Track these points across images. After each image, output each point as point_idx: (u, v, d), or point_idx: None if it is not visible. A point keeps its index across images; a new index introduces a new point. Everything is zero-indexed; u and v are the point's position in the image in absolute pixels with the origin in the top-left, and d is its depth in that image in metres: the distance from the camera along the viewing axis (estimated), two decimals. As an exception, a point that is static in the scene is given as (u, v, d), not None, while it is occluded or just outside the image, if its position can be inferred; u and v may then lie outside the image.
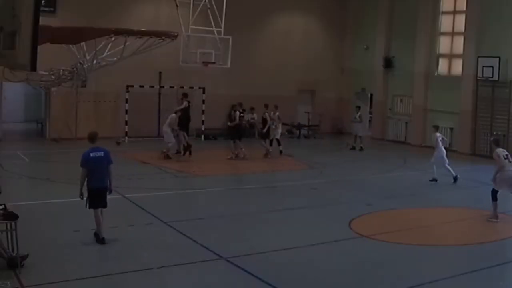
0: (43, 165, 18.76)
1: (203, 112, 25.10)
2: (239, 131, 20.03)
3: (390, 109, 27.06)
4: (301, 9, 28.06)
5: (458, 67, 23.83)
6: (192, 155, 19.61)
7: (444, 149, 16.55)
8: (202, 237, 10.27)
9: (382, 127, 27.17)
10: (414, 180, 16.48)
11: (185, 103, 19.96)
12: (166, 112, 21.67)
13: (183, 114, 19.63)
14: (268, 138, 20.69)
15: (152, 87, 24.27)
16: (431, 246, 10.45)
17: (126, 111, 23.59)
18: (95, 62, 17.88)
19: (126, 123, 23.56)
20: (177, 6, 21.42)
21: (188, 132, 20.17)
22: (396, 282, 8.57)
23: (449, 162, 16.49)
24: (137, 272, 8.55)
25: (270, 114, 20.87)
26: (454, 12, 24.18)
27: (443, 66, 24.87)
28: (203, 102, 25.14)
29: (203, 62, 21.88)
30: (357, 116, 23.62)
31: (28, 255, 8.49)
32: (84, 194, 9.75)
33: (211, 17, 22.10)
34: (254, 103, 21.98)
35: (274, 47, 27.33)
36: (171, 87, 24.30)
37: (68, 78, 18.48)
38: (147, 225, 11.20)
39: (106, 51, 17.53)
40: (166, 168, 17.80)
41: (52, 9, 21.93)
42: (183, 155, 19.48)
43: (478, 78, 21.98)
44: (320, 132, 28.05)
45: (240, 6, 24.36)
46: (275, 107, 21.15)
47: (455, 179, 16.26)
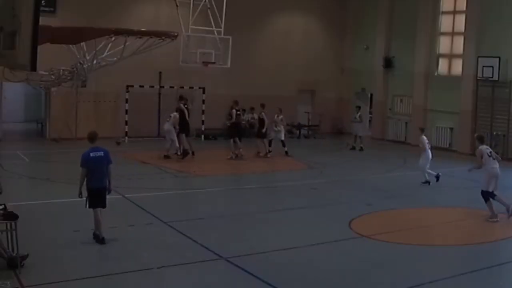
0: (43, 165, 18.77)
1: (203, 112, 25.12)
2: (238, 130, 20.04)
3: (390, 109, 27.06)
4: (301, 9, 28.06)
5: (458, 67, 23.84)
6: (194, 155, 19.60)
7: (430, 152, 16.32)
8: (202, 237, 10.27)
9: (382, 127, 27.16)
10: (414, 180, 16.46)
11: (180, 106, 19.63)
12: (166, 112, 21.65)
13: (180, 116, 19.49)
14: (266, 138, 20.66)
15: (152, 87, 24.28)
16: (431, 246, 10.46)
17: (126, 111, 23.61)
18: (95, 62, 17.88)
19: (126, 123, 23.58)
20: (177, 6, 21.44)
21: (188, 134, 20.04)
22: (396, 282, 8.57)
23: (430, 166, 16.29)
24: (137, 272, 8.55)
25: (277, 115, 20.96)
26: (454, 12, 24.18)
27: (443, 66, 24.86)
28: (203, 102, 25.16)
29: (203, 62, 21.89)
30: (357, 116, 23.62)
31: (28, 255, 8.49)
32: (84, 194, 9.75)
33: (211, 17, 22.11)
34: (254, 103, 22.00)
35: (274, 47, 27.34)
36: (171, 87, 24.31)
37: (68, 78, 18.49)
38: (147, 225, 11.20)
39: (106, 51, 17.54)
40: (166, 168, 17.80)
41: (52, 9, 21.95)
42: (182, 158, 19.28)
43: (478, 78, 21.97)
44: (320, 132, 28.06)
45: (240, 6, 24.36)
46: (279, 110, 21.19)
47: (427, 182, 16.01)
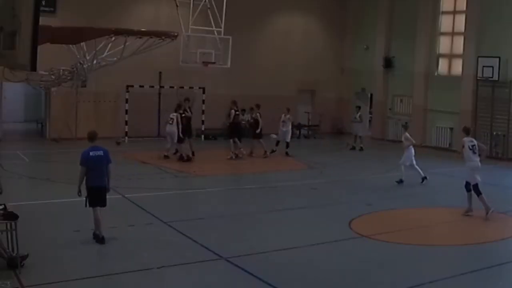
0: (43, 165, 18.77)
1: (203, 112, 25.12)
2: (238, 130, 20.03)
3: (390, 109, 27.06)
4: (301, 9, 28.06)
5: (458, 67, 23.84)
6: (194, 155, 19.59)
7: (413, 150, 16.30)
8: (202, 237, 10.27)
9: (382, 127, 27.17)
10: (414, 180, 16.45)
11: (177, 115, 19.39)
12: (166, 112, 21.65)
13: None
14: (261, 138, 20.65)
15: (152, 87, 24.28)
16: (431, 246, 10.45)
17: (126, 111, 23.61)
18: (95, 62, 17.86)
19: (126, 123, 23.58)
20: (177, 6, 21.44)
21: (190, 137, 19.91)
22: (396, 282, 8.57)
23: (416, 163, 16.30)
24: (137, 272, 8.54)
25: (285, 115, 21.18)
26: (454, 12, 24.19)
27: (443, 66, 24.87)
28: (203, 102, 25.16)
29: (203, 62, 21.89)
30: (357, 116, 23.63)
31: (28, 255, 8.48)
32: (83, 193, 9.77)
33: (211, 17, 22.12)
34: (254, 103, 21.93)
35: (274, 47, 27.34)
36: (171, 87, 24.31)
37: (68, 78, 18.47)
38: (147, 225, 11.20)
39: (106, 51, 17.52)
40: (166, 168, 17.80)
41: (52, 9, 21.95)
42: (185, 160, 19.10)
43: (478, 78, 21.98)
44: (320, 132, 28.06)
45: (240, 6, 24.37)
46: (287, 110, 21.32)
47: (400, 181, 15.98)
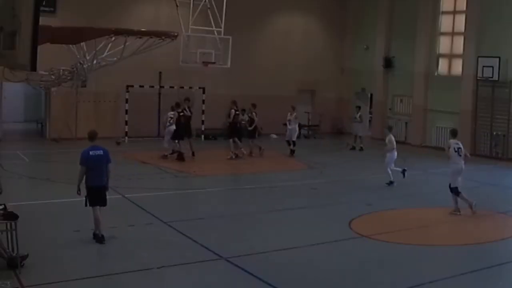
0: (43, 165, 18.78)
1: (203, 112, 25.12)
2: (238, 130, 20.03)
3: (390, 109, 27.06)
4: (301, 9, 28.06)
5: (458, 67, 23.84)
6: (195, 155, 19.54)
7: (396, 153, 16.05)
8: (202, 237, 10.27)
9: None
10: (414, 180, 16.46)
11: (175, 113, 19.46)
12: (166, 112, 21.63)
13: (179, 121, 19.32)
14: (255, 138, 20.78)
15: (152, 87, 24.28)
16: (431, 246, 10.45)
17: (126, 111, 23.62)
18: (95, 62, 17.84)
19: (126, 123, 23.58)
20: (177, 6, 21.44)
21: (190, 137, 19.84)
22: (396, 282, 8.58)
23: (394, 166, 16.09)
24: (137, 272, 8.55)
25: (290, 114, 21.26)
26: (454, 12, 24.19)
27: (443, 66, 24.87)
28: (203, 102, 25.17)
29: (203, 62, 21.89)
30: (357, 116, 23.63)
31: (28, 255, 8.49)
32: (83, 192, 9.78)
33: (211, 17, 22.12)
34: (254, 103, 21.93)
35: (274, 47, 27.33)
36: (171, 87, 24.31)
37: (68, 78, 18.45)
38: (147, 225, 11.20)
39: (106, 51, 17.50)
40: (166, 168, 17.80)
41: (52, 9, 21.94)
42: (179, 158, 19.14)
43: (478, 78, 21.98)
44: (320, 132, 28.05)
45: (240, 6, 24.37)
46: (292, 108, 21.35)
47: (390, 183, 15.72)
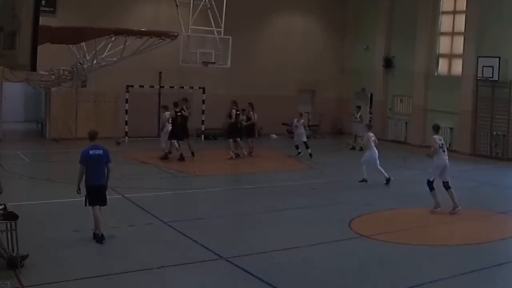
0: (43, 165, 18.78)
1: (203, 112, 25.13)
2: (239, 130, 20.03)
3: (390, 109, 27.06)
4: (301, 9, 28.05)
5: (458, 67, 23.83)
6: (194, 156, 19.49)
7: (376, 149, 16.00)
8: (202, 237, 10.27)
9: (382, 127, 27.14)
10: (414, 180, 16.45)
11: (171, 112, 19.21)
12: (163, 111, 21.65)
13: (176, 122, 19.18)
14: (255, 137, 20.88)
15: (152, 87, 24.27)
16: (431, 246, 10.45)
17: (126, 111, 23.61)
18: (95, 62, 17.88)
19: (126, 123, 23.58)
20: (177, 6, 21.48)
21: (187, 137, 19.70)
22: (396, 282, 8.57)
23: (380, 163, 16.01)
24: (137, 272, 8.55)
25: (297, 120, 21.14)
26: (454, 12, 24.18)
27: (443, 66, 24.87)
28: (203, 102, 25.17)
29: (203, 62, 21.91)
30: (357, 116, 23.63)
31: (28, 255, 8.48)
32: (82, 191, 9.79)
33: (211, 17, 22.14)
34: (254, 103, 21.93)
35: (274, 47, 27.33)
36: (171, 87, 24.31)
37: (68, 78, 18.49)
38: (147, 225, 11.20)
39: (106, 51, 17.54)
40: (166, 168, 17.80)
41: (52, 9, 21.95)
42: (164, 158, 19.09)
43: (478, 78, 21.97)
44: (320, 132, 28.04)
45: (240, 6, 24.37)
46: (299, 115, 21.46)
47: (387, 180, 15.66)
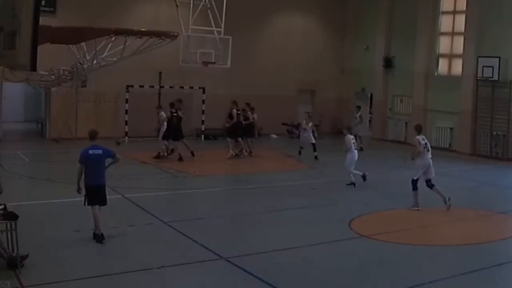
0: (43, 165, 18.78)
1: (203, 112, 25.13)
2: (240, 130, 20.02)
3: (390, 109, 27.04)
4: (301, 9, 28.04)
5: (458, 67, 23.82)
6: (194, 156, 19.46)
7: (356, 152, 15.89)
8: (202, 237, 10.27)
9: (382, 127, 27.16)
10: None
11: (167, 113, 19.28)
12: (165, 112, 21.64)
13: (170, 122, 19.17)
14: (255, 137, 20.87)
15: (152, 87, 24.27)
16: (431, 246, 10.45)
17: (126, 111, 23.62)
18: (95, 62, 17.88)
19: (126, 123, 23.58)
20: (177, 6, 21.46)
21: (182, 137, 19.53)
22: (396, 282, 8.57)
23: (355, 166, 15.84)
24: (137, 272, 8.55)
25: (306, 122, 21.01)
26: (454, 12, 24.17)
27: (443, 66, 24.85)
28: (203, 102, 25.17)
29: (203, 62, 21.90)
30: (357, 116, 23.63)
31: (28, 255, 8.48)
32: (82, 190, 9.79)
33: (211, 17, 22.13)
34: (254, 103, 21.91)
35: (274, 47, 27.32)
36: (171, 87, 24.31)
37: (68, 78, 18.49)
38: (147, 225, 11.20)
39: (106, 51, 17.54)
40: (166, 168, 17.80)
41: (52, 9, 21.96)
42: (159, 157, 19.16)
43: (478, 78, 21.97)
44: (320, 132, 27.95)
45: (240, 6, 24.36)
46: (308, 117, 21.35)
47: (352, 184, 15.50)
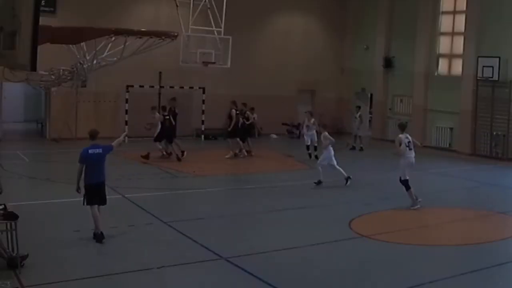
0: (43, 165, 18.78)
1: (203, 112, 25.13)
2: (240, 130, 20.01)
3: (390, 109, 27.05)
4: (301, 9, 28.04)
5: (458, 67, 23.82)
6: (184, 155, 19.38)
7: (332, 150, 15.84)
8: (202, 237, 10.27)
9: (382, 127, 27.15)
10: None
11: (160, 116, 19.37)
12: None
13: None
14: (254, 137, 20.98)
15: (152, 87, 24.26)
16: (431, 246, 10.45)
17: (126, 111, 23.60)
18: (95, 62, 17.86)
19: (126, 123, 23.56)
20: (177, 6, 21.46)
21: (171, 141, 19.45)
22: (396, 282, 8.57)
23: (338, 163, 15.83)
24: (137, 272, 8.55)
25: (308, 120, 20.45)
26: (454, 12, 24.17)
27: (443, 66, 24.85)
28: (203, 102, 25.16)
29: (203, 62, 21.90)
30: (357, 116, 23.62)
31: (28, 255, 8.48)
32: (81, 190, 9.80)
33: (211, 17, 22.13)
34: (254, 103, 21.94)
35: (274, 47, 27.32)
36: (171, 87, 24.29)
37: (68, 78, 18.47)
38: (147, 225, 11.20)
39: (106, 51, 17.52)
40: (166, 168, 17.80)
41: (52, 9, 21.96)
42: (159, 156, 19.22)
43: (478, 78, 21.96)
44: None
45: (240, 6, 24.36)
46: (310, 114, 20.79)
47: (318, 182, 15.36)
